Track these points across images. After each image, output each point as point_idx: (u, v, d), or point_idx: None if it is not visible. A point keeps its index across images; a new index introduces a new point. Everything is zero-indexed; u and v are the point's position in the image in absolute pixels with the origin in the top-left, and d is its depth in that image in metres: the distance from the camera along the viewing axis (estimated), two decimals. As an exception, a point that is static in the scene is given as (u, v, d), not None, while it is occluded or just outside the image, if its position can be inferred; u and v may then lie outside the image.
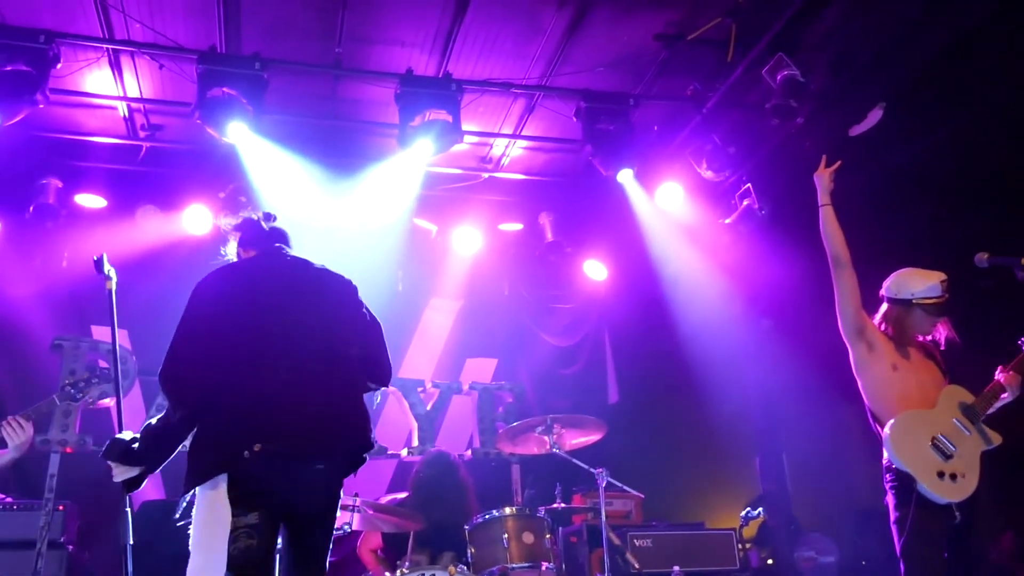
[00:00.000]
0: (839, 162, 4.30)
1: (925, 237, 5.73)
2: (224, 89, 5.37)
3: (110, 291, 4.44)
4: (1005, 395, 3.96)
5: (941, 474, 3.74)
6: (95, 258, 4.40)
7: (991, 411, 3.95)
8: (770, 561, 6.93)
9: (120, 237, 6.79)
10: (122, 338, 6.69)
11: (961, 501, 3.74)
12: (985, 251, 3.87)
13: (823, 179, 4.26)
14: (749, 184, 6.65)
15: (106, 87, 6.02)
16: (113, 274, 4.43)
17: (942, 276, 4.06)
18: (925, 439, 3.82)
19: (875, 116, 5.85)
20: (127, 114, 6.36)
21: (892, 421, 3.86)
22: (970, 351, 4.15)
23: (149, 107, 6.34)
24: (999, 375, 3.99)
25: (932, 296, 4.03)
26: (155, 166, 6.87)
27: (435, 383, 6.86)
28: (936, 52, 5.45)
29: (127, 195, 6.90)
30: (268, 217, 3.58)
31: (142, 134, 6.58)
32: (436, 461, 5.83)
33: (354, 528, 4.93)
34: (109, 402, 5.90)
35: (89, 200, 6.86)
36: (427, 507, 5.41)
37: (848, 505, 7.14)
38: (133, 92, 6.11)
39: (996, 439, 3.91)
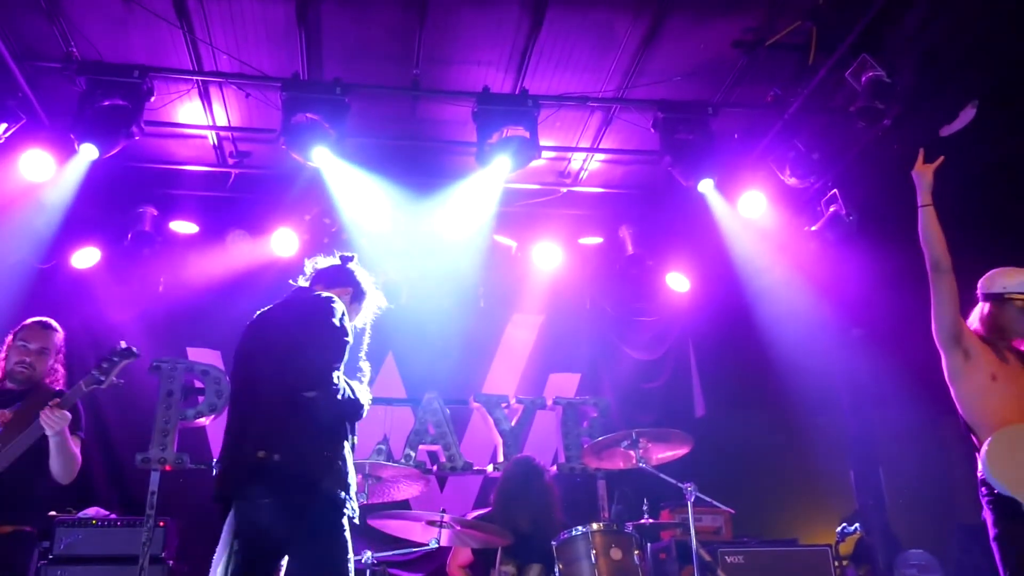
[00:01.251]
0: (941, 157, 4.06)
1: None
2: (307, 115, 5.51)
3: None
4: None
5: None
6: None
7: None
8: (869, 579, 6.69)
9: (212, 261, 7.04)
10: (215, 359, 6.93)
11: None
12: None
13: (924, 177, 3.99)
14: (836, 190, 6.47)
15: (196, 117, 6.25)
16: None
17: None
18: None
19: (968, 115, 5.61)
20: (216, 142, 6.58)
21: (990, 438, 3.63)
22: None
23: (237, 135, 6.54)
24: None
25: None
26: (244, 192, 7.09)
27: (519, 399, 6.85)
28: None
29: (218, 221, 7.13)
30: (345, 259, 3.73)
31: (231, 161, 6.79)
32: (521, 464, 5.81)
33: (442, 544, 4.96)
34: (204, 420, 6.11)
35: (182, 226, 7.11)
36: (512, 511, 5.39)
37: (951, 519, 6.84)
38: (221, 121, 6.32)
39: None
